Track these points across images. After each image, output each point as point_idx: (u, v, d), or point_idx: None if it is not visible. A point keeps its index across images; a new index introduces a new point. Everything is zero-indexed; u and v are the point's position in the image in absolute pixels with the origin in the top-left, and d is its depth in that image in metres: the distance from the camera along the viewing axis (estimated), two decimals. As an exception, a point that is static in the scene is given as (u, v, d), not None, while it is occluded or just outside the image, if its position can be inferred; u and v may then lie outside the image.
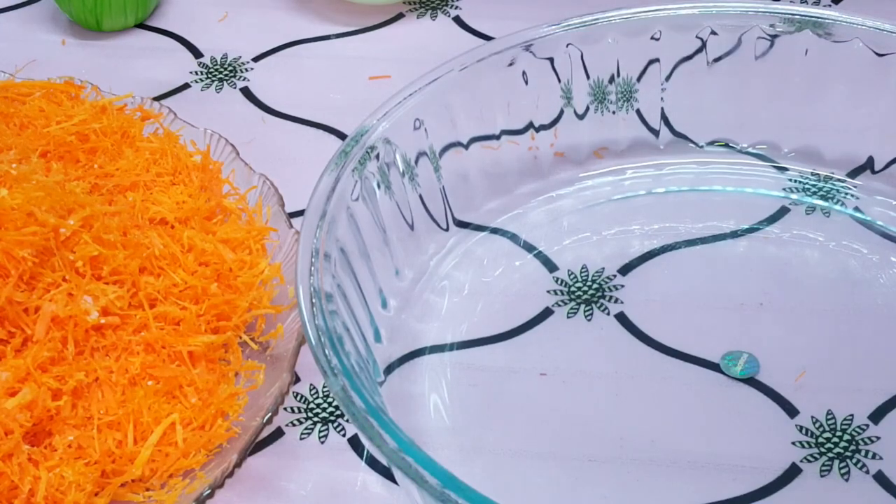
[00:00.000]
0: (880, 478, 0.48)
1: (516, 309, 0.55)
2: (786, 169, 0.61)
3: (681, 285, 0.56)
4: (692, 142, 0.62)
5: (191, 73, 0.71)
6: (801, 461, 0.48)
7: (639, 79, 0.61)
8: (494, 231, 0.59)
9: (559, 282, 0.56)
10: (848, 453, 0.49)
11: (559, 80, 0.60)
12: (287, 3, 0.76)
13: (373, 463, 0.50)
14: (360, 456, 0.50)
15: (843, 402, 0.50)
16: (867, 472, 0.48)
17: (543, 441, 0.50)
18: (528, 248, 0.58)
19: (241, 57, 0.72)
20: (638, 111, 0.61)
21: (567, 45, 0.59)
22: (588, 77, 0.60)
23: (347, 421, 0.51)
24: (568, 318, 0.55)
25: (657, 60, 0.60)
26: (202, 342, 0.50)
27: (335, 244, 0.49)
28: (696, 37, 0.60)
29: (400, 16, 0.75)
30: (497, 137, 0.59)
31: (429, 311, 0.55)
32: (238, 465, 0.46)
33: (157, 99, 0.65)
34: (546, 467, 0.49)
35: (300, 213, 0.50)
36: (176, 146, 0.58)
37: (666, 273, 0.57)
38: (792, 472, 0.48)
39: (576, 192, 0.61)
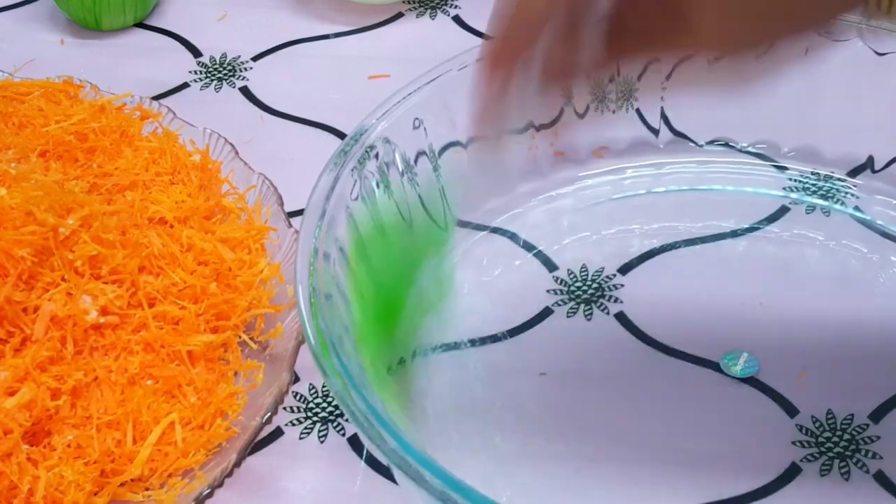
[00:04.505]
0: (880, 477, 0.48)
1: (516, 309, 0.55)
2: (786, 168, 0.61)
3: (681, 285, 0.56)
4: (692, 141, 0.62)
5: (190, 72, 0.71)
6: (801, 461, 0.48)
7: (639, 78, 0.60)
8: (494, 231, 0.59)
9: (559, 281, 0.56)
10: (848, 453, 0.48)
11: (559, 80, 0.59)
12: (287, 2, 0.76)
13: (372, 463, 0.49)
14: (360, 456, 0.50)
15: (843, 402, 0.50)
16: (867, 471, 0.48)
17: (543, 441, 0.50)
18: (528, 247, 0.58)
19: (240, 56, 0.71)
20: (638, 110, 0.61)
21: (567, 45, 0.59)
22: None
23: (347, 421, 0.51)
24: (568, 317, 0.55)
25: (657, 60, 0.60)
26: (201, 341, 0.50)
27: (335, 244, 0.49)
28: (696, 36, 0.59)
29: (399, 15, 0.75)
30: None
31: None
32: (237, 464, 0.46)
33: (156, 98, 0.65)
34: (546, 467, 0.49)
35: (299, 212, 0.50)
36: (175, 145, 0.58)
37: (666, 273, 0.57)
38: (792, 472, 0.48)
39: (576, 191, 0.60)
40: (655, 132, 0.62)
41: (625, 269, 0.57)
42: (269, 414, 0.47)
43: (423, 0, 0.75)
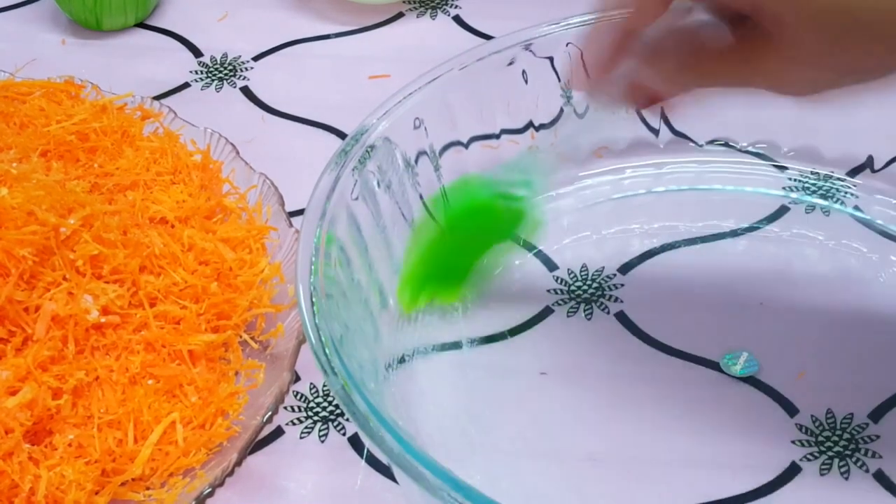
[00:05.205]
0: (880, 476, 0.48)
1: (516, 308, 0.55)
2: (785, 168, 0.61)
3: (681, 285, 0.56)
4: (692, 141, 0.62)
5: (191, 72, 0.71)
6: (801, 460, 0.48)
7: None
8: (494, 230, 0.59)
9: (559, 281, 0.56)
10: (848, 452, 0.49)
11: (559, 80, 0.60)
12: (287, 2, 0.76)
13: (373, 462, 0.50)
14: (360, 455, 0.50)
15: (842, 401, 0.50)
16: (867, 470, 0.48)
17: (543, 441, 0.50)
18: (529, 247, 0.58)
19: (241, 56, 0.72)
20: (638, 111, 0.61)
21: (567, 45, 0.59)
22: (588, 76, 0.60)
23: (347, 420, 0.51)
24: (568, 317, 0.55)
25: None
26: (202, 341, 0.50)
27: (335, 243, 0.49)
28: (696, 36, 0.59)
29: (400, 15, 0.75)
30: (497, 136, 0.59)
31: (429, 310, 0.55)
32: (238, 463, 0.46)
33: (158, 98, 0.65)
34: (546, 467, 0.49)
35: (300, 212, 0.50)
36: (176, 145, 0.59)
37: (666, 273, 0.57)
38: (792, 471, 0.48)
39: (576, 191, 0.61)
40: (655, 132, 0.62)
41: (625, 269, 0.57)
42: (269, 413, 0.47)
43: (423, 0, 0.76)
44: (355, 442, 0.50)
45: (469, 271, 0.55)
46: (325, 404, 0.52)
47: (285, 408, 0.52)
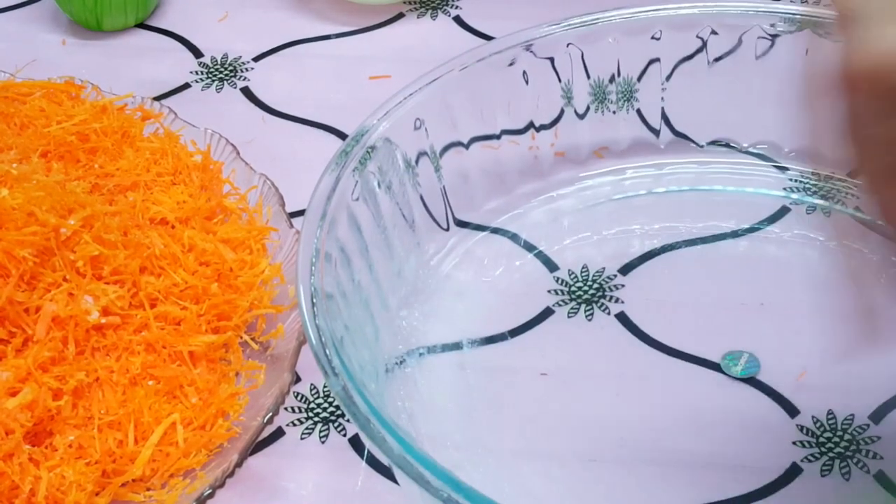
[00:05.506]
0: (881, 477, 0.48)
1: (517, 309, 0.55)
2: (786, 168, 0.61)
3: (681, 285, 0.56)
4: (693, 141, 0.62)
5: (191, 72, 0.71)
6: (802, 461, 0.48)
7: (639, 79, 0.61)
8: (495, 231, 0.59)
9: (560, 281, 0.56)
10: (849, 453, 0.49)
11: (559, 80, 0.60)
12: (287, 3, 0.76)
13: (373, 463, 0.50)
14: (361, 456, 0.50)
15: (843, 402, 0.50)
16: (868, 471, 0.48)
17: (543, 441, 0.50)
18: (529, 247, 0.58)
19: (241, 57, 0.72)
20: (638, 111, 0.61)
21: (567, 45, 0.59)
22: (588, 77, 0.60)
23: (348, 421, 0.51)
24: (568, 317, 0.55)
25: (657, 60, 0.60)
26: (203, 342, 0.50)
27: (336, 244, 0.49)
28: (697, 36, 0.59)
29: (400, 16, 0.75)
30: (497, 137, 0.59)
31: (429, 311, 0.55)
32: (239, 464, 0.46)
33: (158, 99, 0.65)
34: (546, 467, 0.49)
35: (301, 212, 0.50)
36: (176, 146, 0.59)
37: (666, 273, 0.57)
38: (793, 472, 0.48)
39: (576, 191, 0.61)
40: (656, 132, 0.62)
41: (625, 270, 0.57)
42: (270, 414, 0.47)
43: (423, 1, 0.75)
44: (356, 443, 0.50)
45: None
46: (326, 405, 0.52)
47: (286, 409, 0.52)
